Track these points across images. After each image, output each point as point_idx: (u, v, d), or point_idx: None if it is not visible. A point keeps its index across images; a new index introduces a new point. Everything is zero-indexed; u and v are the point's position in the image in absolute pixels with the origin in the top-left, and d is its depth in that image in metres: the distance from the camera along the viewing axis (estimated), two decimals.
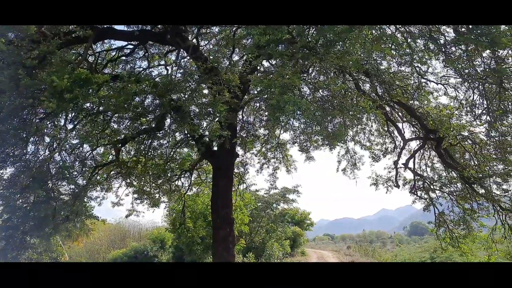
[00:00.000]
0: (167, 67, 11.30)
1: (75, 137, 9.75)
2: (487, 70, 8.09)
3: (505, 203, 10.54)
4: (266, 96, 8.72)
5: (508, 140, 9.08)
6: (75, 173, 10.47)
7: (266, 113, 10.88)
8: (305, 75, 9.85)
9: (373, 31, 7.64)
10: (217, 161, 11.38)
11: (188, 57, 11.14)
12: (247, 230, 21.10)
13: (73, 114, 9.40)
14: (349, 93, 10.40)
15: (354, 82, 10.71)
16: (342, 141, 10.00)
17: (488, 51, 7.84)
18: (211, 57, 9.99)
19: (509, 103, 8.61)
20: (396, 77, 10.53)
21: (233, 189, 13.72)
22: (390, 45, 8.90)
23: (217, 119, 9.14)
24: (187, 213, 17.34)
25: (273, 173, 13.43)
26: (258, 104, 11.55)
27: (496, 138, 9.29)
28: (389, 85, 10.49)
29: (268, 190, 26.20)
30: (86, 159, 10.92)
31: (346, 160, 12.04)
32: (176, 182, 13.78)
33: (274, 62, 10.04)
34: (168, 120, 10.84)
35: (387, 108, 11.58)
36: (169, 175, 12.87)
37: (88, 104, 9.31)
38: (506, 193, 10.25)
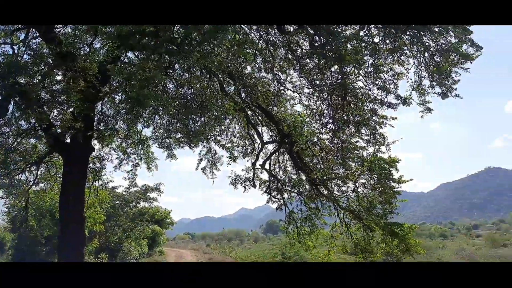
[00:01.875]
0: (13, 47, 9.93)
1: None
2: (334, 83, 9.06)
3: (343, 203, 11.93)
4: (126, 89, 8.30)
5: (348, 147, 10.27)
6: None
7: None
8: (170, 71, 9.70)
9: (237, 36, 7.88)
10: (68, 154, 10.40)
11: (39, 38, 9.97)
12: (101, 229, 19.80)
13: None
14: (213, 94, 10.59)
15: (219, 83, 10.92)
16: (202, 141, 10.09)
17: (336, 66, 8.79)
18: (66, 42, 9.09)
19: (350, 115, 9.75)
20: (258, 83, 11.08)
21: (87, 185, 12.73)
22: (253, 51, 9.35)
23: (71, 109, 8.38)
24: (31, 211, 15.48)
25: (133, 170, 12.88)
26: (118, 97, 10.92)
27: (339, 145, 10.42)
28: (251, 89, 10.98)
29: (127, 187, 25.19)
30: None
31: (207, 159, 12.22)
32: (19, 176, 12.22)
33: (139, 55, 9.64)
34: (12, 106, 9.53)
35: (249, 112, 12.09)
36: (11, 168, 11.34)
37: None
38: (344, 194, 11.61)
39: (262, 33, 9.41)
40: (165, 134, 10.34)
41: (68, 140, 10.34)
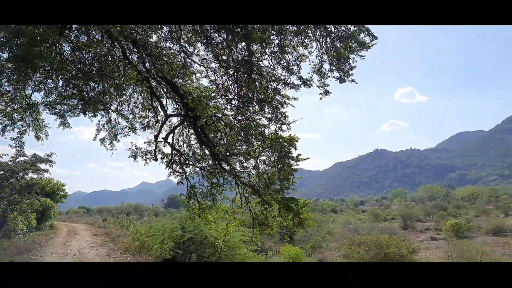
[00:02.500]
0: None
1: None
2: (240, 60, 9.10)
3: (244, 178, 12.26)
4: (13, 47, 7.40)
5: (251, 124, 10.48)
6: None
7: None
8: (66, 31, 8.87)
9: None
10: None
11: None
12: None
13: None
14: (115, 61, 9.97)
15: (121, 49, 10.29)
16: (101, 109, 9.50)
17: (243, 43, 8.82)
18: None
19: (255, 92, 9.91)
20: (164, 53, 10.69)
21: None
22: None
23: None
24: None
25: (19, 137, 11.66)
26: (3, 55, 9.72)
27: (242, 122, 10.58)
28: (157, 59, 10.55)
29: (14, 157, 22.84)
30: None
31: (106, 130, 11.58)
32: None
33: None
34: None
35: (153, 82, 11.65)
36: None
37: None
38: (245, 170, 11.92)
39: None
40: (58, 100, 9.49)
41: None
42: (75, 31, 8.65)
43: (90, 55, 8.37)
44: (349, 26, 8.76)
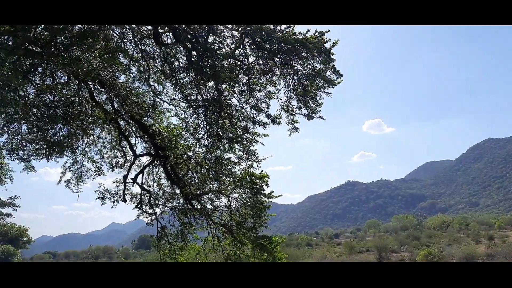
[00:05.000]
0: None
1: None
2: (210, 99, 9.13)
3: (216, 217, 12.03)
4: None
5: (222, 162, 10.43)
6: None
7: None
8: (31, 75, 8.70)
9: (109, 43, 7.45)
10: None
11: None
12: None
13: None
14: (82, 102, 9.81)
15: (88, 90, 10.16)
16: (66, 152, 9.23)
17: (212, 82, 8.89)
18: None
19: (225, 131, 9.92)
20: (133, 93, 10.63)
21: None
22: (127, 60, 8.94)
23: None
24: None
25: None
26: None
27: (213, 160, 10.51)
28: (125, 99, 10.48)
29: None
30: None
31: (72, 171, 11.21)
32: None
33: None
34: None
35: (121, 122, 11.50)
36: None
37: None
38: (217, 209, 11.73)
39: (137, 43, 9.06)
40: (21, 145, 9.18)
41: None
42: (40, 74, 8.49)
43: (55, 98, 8.18)
44: (315, 64, 9.01)
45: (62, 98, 8.23)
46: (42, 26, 7.68)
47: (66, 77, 9.29)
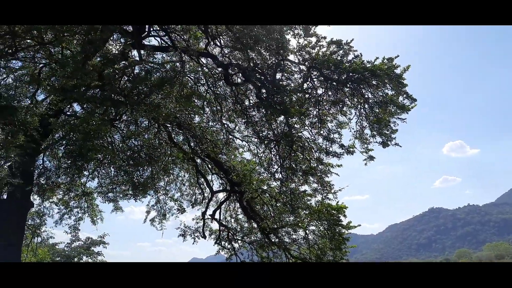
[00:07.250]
0: None
1: None
2: (280, 133, 9.28)
3: (294, 251, 11.89)
4: (69, 142, 8.00)
5: (297, 195, 10.40)
6: None
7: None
8: (117, 122, 9.53)
9: (185, 89, 7.97)
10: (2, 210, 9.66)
11: None
12: None
13: None
14: (162, 144, 10.49)
15: (167, 133, 10.86)
16: (150, 192, 9.84)
17: (282, 117, 9.05)
18: (5, 94, 8.67)
19: (298, 164, 9.95)
20: (207, 132, 11.14)
21: (24, 243, 11.79)
22: (201, 102, 9.47)
23: (8, 164, 7.90)
24: None
25: (75, 224, 12.15)
26: (60, 150, 10.47)
27: (288, 194, 10.53)
28: (200, 139, 11.00)
29: (69, 242, 23.67)
30: None
31: (156, 210, 11.86)
32: None
33: (85, 107, 9.38)
34: None
35: (198, 161, 12.04)
36: None
37: None
38: (295, 242, 11.60)
39: (210, 85, 9.58)
40: (110, 187, 9.96)
41: (5, 196, 9.65)
42: (124, 121, 9.28)
43: (139, 142, 8.85)
44: (386, 91, 8.83)
45: (145, 143, 8.86)
46: (125, 78, 8.46)
47: (147, 122, 10.06)
